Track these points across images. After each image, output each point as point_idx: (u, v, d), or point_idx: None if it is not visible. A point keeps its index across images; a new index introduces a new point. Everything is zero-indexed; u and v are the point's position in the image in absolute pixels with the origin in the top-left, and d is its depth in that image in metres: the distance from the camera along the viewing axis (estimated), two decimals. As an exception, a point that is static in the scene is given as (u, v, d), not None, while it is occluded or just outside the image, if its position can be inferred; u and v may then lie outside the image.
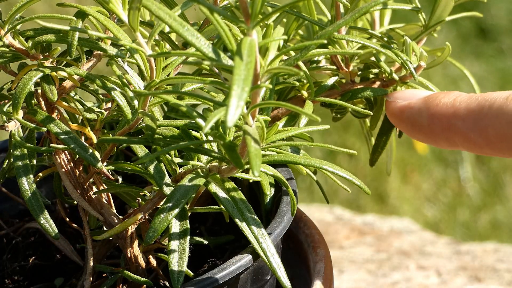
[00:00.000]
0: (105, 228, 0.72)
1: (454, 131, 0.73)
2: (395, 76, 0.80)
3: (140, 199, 0.71)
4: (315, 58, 0.83)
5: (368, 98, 0.81)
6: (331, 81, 0.81)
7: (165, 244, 0.73)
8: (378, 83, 0.81)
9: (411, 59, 0.78)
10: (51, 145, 0.70)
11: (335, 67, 0.81)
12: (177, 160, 0.70)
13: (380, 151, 0.83)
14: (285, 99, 0.82)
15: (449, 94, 0.74)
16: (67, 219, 0.78)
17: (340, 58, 0.80)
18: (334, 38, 0.78)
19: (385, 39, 0.80)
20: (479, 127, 0.71)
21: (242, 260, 0.67)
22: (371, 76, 0.82)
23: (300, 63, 0.77)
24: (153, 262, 0.73)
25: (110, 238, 0.72)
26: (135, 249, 0.71)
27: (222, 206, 0.67)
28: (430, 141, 0.76)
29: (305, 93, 0.80)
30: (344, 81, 0.82)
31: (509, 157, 0.72)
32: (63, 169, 0.71)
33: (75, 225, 0.78)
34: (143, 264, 0.71)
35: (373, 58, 0.82)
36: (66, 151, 0.71)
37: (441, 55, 0.80)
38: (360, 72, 0.82)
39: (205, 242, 0.76)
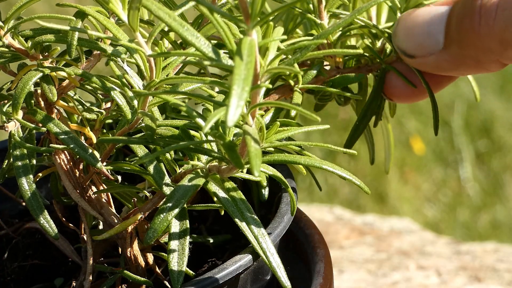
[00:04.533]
0: (101, 227, 0.72)
1: None
2: (380, 59, 0.80)
3: (135, 199, 0.71)
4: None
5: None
6: (316, 68, 0.80)
7: (163, 242, 0.73)
8: (363, 68, 0.81)
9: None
10: (50, 145, 0.70)
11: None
12: (177, 160, 0.70)
13: (358, 134, 0.82)
14: (272, 88, 0.82)
15: None
16: (64, 220, 0.77)
17: (324, 45, 0.80)
18: (316, 22, 0.77)
19: (362, 19, 0.80)
20: None
21: (242, 260, 0.67)
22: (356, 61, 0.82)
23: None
24: (151, 261, 0.73)
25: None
26: (135, 249, 0.71)
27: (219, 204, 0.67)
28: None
29: (291, 82, 0.80)
30: (329, 68, 0.82)
31: None
32: (63, 169, 0.70)
33: (71, 225, 0.78)
34: (142, 264, 0.71)
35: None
36: (65, 151, 0.71)
37: None
38: (345, 58, 0.82)
39: (201, 240, 0.76)
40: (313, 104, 0.82)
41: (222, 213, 0.75)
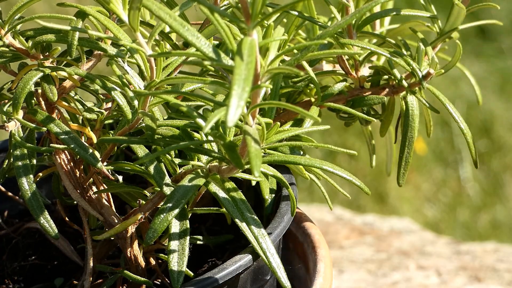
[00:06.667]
0: (105, 228, 0.72)
1: None
2: (405, 83, 0.79)
3: (141, 200, 0.71)
4: (323, 63, 0.82)
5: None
6: (338, 86, 0.80)
7: (165, 244, 0.73)
8: (387, 89, 0.80)
9: (422, 65, 0.77)
10: (51, 145, 0.70)
11: (344, 72, 0.81)
12: (177, 160, 0.70)
13: (406, 167, 0.81)
14: (293, 103, 0.82)
15: None
16: (67, 219, 0.78)
17: (349, 63, 0.80)
18: (341, 42, 0.77)
19: (393, 42, 0.79)
20: None
21: (242, 260, 0.67)
22: (381, 82, 0.81)
23: (306, 65, 0.77)
24: (153, 262, 0.73)
25: (111, 238, 0.72)
26: (135, 249, 0.71)
27: (222, 208, 0.67)
28: None
29: (312, 99, 0.80)
30: (353, 86, 0.81)
31: None
32: (63, 169, 0.70)
33: (75, 226, 0.78)
34: (143, 264, 0.71)
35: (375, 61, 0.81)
36: (66, 151, 0.71)
37: (452, 60, 0.79)
38: (369, 78, 0.81)
39: (201, 242, 0.76)
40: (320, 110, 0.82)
41: (229, 222, 0.75)
